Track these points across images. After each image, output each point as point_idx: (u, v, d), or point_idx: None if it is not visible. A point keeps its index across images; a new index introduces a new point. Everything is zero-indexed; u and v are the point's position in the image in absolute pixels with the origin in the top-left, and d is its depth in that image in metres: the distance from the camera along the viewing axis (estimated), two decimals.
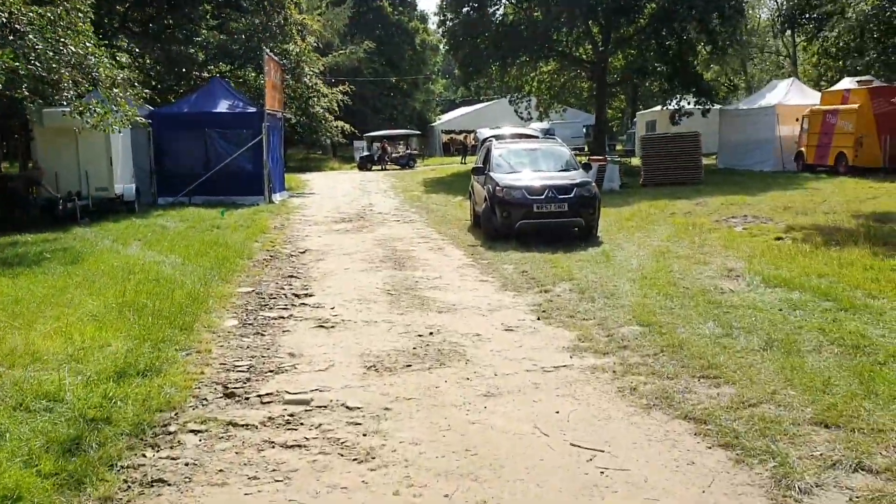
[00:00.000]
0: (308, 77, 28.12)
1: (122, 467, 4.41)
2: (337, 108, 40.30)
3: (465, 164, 46.18)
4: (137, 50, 26.11)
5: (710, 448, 4.62)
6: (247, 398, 5.61)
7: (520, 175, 13.91)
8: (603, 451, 4.61)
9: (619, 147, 51.10)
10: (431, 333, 7.43)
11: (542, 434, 4.88)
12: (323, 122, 42.71)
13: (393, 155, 45.72)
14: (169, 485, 4.24)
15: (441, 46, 48.88)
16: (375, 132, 48.20)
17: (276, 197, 23.94)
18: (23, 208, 16.91)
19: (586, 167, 14.62)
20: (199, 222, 16.97)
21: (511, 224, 13.16)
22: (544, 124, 51.06)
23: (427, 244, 14.03)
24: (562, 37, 35.04)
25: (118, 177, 17.86)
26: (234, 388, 5.83)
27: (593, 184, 13.54)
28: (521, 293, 9.35)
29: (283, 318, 8.28)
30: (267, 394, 5.68)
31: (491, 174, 14.08)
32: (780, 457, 4.39)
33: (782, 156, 28.49)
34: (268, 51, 22.88)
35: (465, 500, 4.01)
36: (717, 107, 33.95)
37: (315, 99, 29.80)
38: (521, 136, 17.34)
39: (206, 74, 26.17)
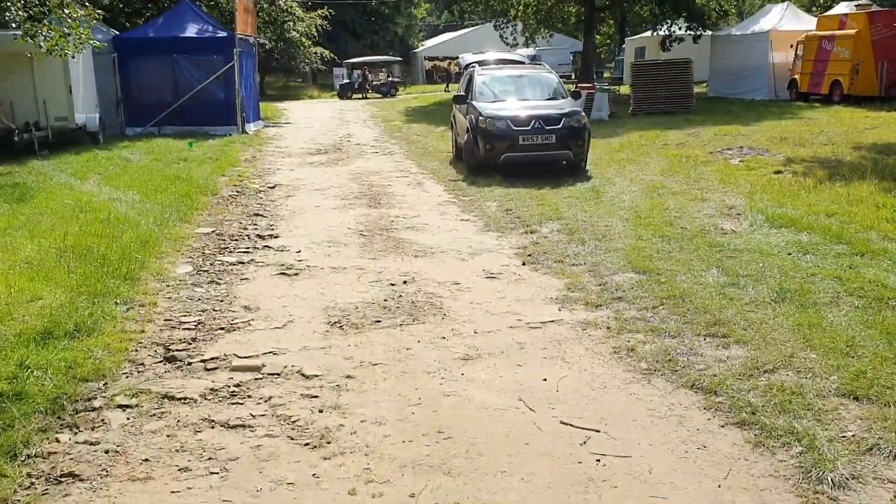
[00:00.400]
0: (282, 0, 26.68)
1: (27, 457, 3.70)
2: (315, 34, 38.76)
3: (448, 91, 44.85)
4: None
5: (723, 427, 3.95)
6: (189, 363, 4.88)
7: (504, 104, 13.01)
8: (598, 432, 3.94)
9: (606, 74, 49.78)
10: (406, 282, 6.70)
11: (527, 409, 4.20)
12: (301, 48, 41.17)
13: (374, 83, 44.33)
14: (81, 480, 3.54)
15: None
16: (356, 59, 46.62)
17: (251, 127, 22.86)
18: None
19: (575, 95, 13.73)
20: (166, 155, 16.01)
21: (495, 157, 12.34)
22: (530, 50, 49.53)
23: (405, 179, 13.20)
24: None
25: (80, 106, 16.74)
26: (177, 350, 5.10)
27: (583, 114, 12.68)
28: (505, 234, 8.62)
29: (242, 263, 7.52)
30: (213, 358, 4.95)
31: (473, 103, 13.17)
32: (806, 439, 3.73)
33: (775, 84, 27.56)
34: None
35: (434, 501, 3.34)
36: (709, 33, 32.82)
37: (291, 23, 28.36)
38: (506, 61, 16.33)
39: None
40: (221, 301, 6.23)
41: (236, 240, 8.55)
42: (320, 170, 14.54)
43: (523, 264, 7.29)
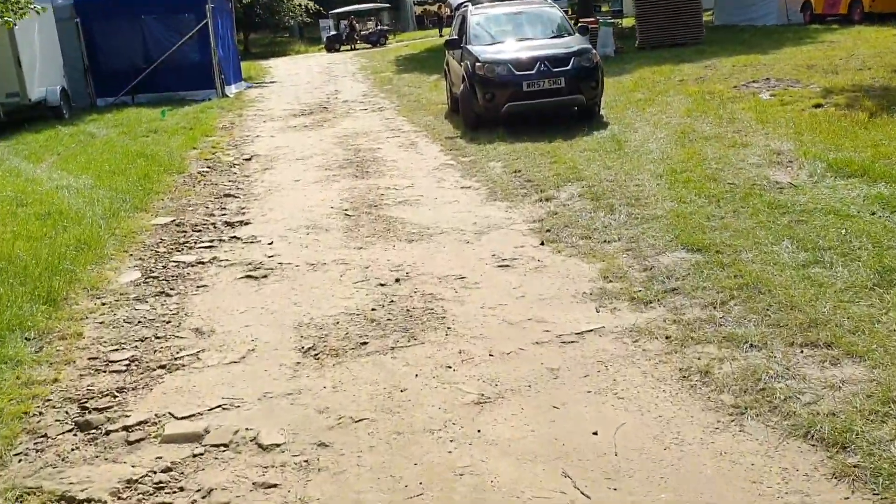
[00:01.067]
0: None
1: None
2: None
3: (442, 37, 42.94)
4: None
5: None
6: (108, 433, 3.59)
7: (503, 46, 11.50)
8: None
9: (604, 8, 47.64)
10: (398, 280, 5.38)
11: (579, 494, 2.91)
12: (284, 1, 39.31)
13: (362, 32, 42.40)
14: None
15: None
16: (342, 9, 44.58)
17: (231, 89, 21.34)
18: None
19: (582, 31, 12.19)
20: (136, 126, 14.57)
21: (496, 107, 10.89)
22: None
23: (397, 139, 11.78)
24: None
25: (36, 79, 15.23)
26: (95, 409, 3.81)
27: (594, 51, 11.16)
28: (516, 203, 7.26)
29: (202, 263, 6.19)
30: (140, 423, 3.65)
31: (468, 47, 11.67)
32: None
33: (787, 7, 25.75)
34: None
35: None
36: None
37: None
38: None
39: None
40: (168, 322, 4.92)
41: (199, 230, 7.21)
42: (303, 134, 13.10)
43: (542, 244, 5.95)
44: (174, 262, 6.23)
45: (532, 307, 4.70)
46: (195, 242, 6.78)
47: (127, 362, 4.32)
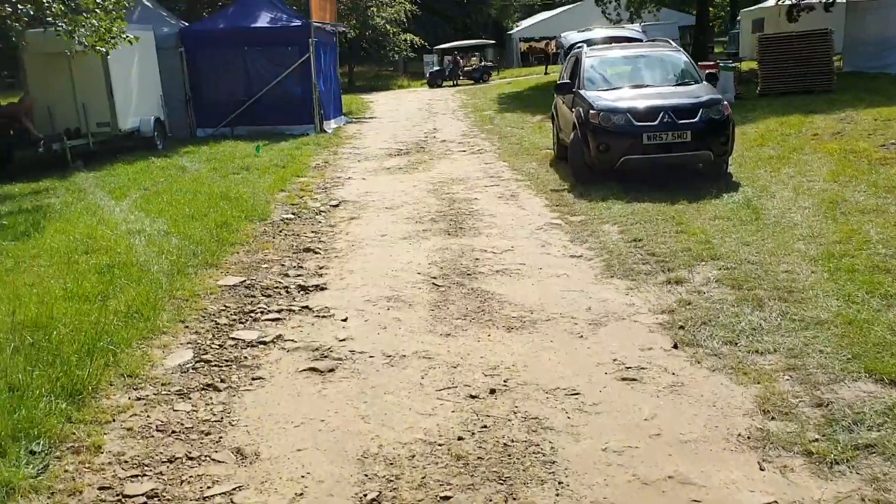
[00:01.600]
0: None
1: None
2: (404, 20, 36.70)
3: (547, 74, 41.97)
4: None
5: None
6: None
7: (621, 93, 10.37)
8: None
9: (718, 50, 45.81)
10: (493, 391, 4.29)
11: None
12: (390, 35, 39.18)
13: (465, 68, 41.94)
14: None
15: None
16: (446, 44, 44.31)
17: (331, 124, 20.89)
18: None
19: (710, 78, 10.92)
20: (228, 162, 14.09)
21: (610, 160, 9.76)
22: (635, 26, 46.03)
23: (496, 188, 10.77)
24: None
25: (128, 109, 14.98)
26: None
27: (725, 102, 9.88)
28: (638, 284, 6.08)
29: (264, 343, 5.27)
30: None
31: (582, 93, 10.60)
32: None
33: None
34: None
35: None
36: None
37: (375, 9, 26.29)
38: (618, 39, 13.64)
39: None
40: (207, 434, 3.97)
41: (269, 295, 6.32)
42: (396, 178, 12.26)
43: (675, 347, 4.78)
44: (233, 339, 5.34)
45: (672, 455, 3.53)
46: (262, 313, 5.88)
47: (144, 500, 3.38)
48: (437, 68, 42.14)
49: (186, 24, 20.72)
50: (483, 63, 42.76)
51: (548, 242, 7.65)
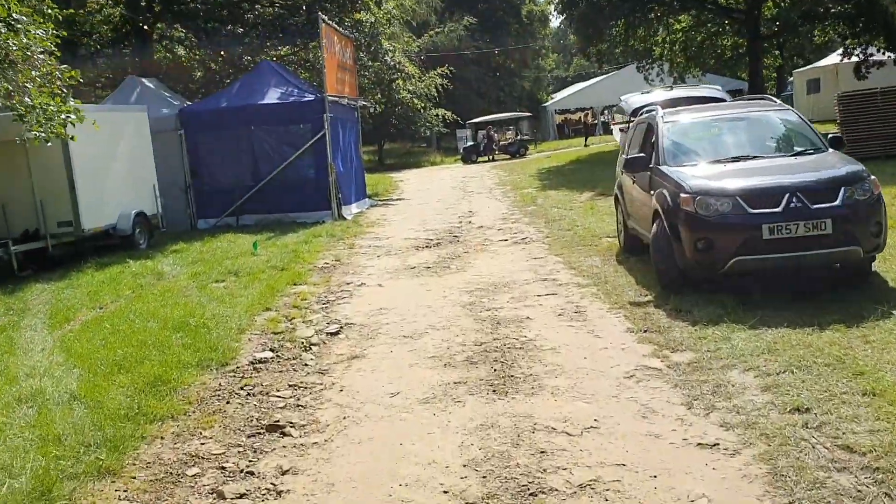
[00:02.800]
0: (389, 54, 22.46)
1: None
2: (436, 94, 34.71)
3: (587, 146, 39.52)
4: (190, 37, 21.23)
5: None
6: None
7: (721, 168, 7.59)
8: None
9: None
10: None
11: None
12: (421, 111, 37.17)
13: (501, 142, 39.69)
14: None
15: (552, 10, 41.89)
16: (480, 118, 42.27)
17: (351, 209, 18.44)
18: None
19: (836, 143, 8.09)
20: (217, 264, 11.55)
21: (714, 262, 6.94)
22: (713, 85, 43.61)
23: (554, 298, 7.96)
24: None
25: (100, 204, 12.50)
26: None
27: (872, 177, 7.07)
28: None
29: None
30: None
31: (664, 169, 7.87)
32: None
33: None
34: (325, 18, 17.26)
35: None
36: None
37: (401, 82, 24.17)
38: (694, 100, 10.95)
39: (262, 58, 20.89)
40: None
41: None
42: (422, 284, 9.53)
43: None
44: None
45: None
46: None
47: None
48: (470, 143, 39.99)
49: (187, 103, 18.62)
50: (519, 137, 40.48)
51: (650, 409, 4.80)
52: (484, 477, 4.05)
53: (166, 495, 4.11)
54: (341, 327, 7.53)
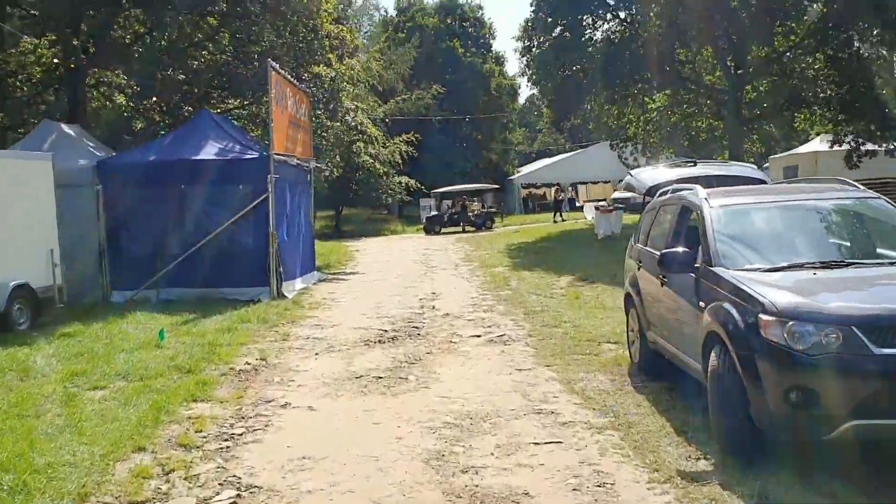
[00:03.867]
0: (350, 114, 20.25)
1: None
2: (400, 161, 32.61)
3: (559, 222, 37.48)
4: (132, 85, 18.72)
5: None
6: None
7: (812, 278, 5.24)
8: None
9: None
10: None
11: None
12: (382, 177, 35.03)
13: (468, 214, 37.55)
14: None
15: (526, 82, 40.31)
16: (446, 188, 40.23)
17: (295, 284, 15.86)
18: None
19: None
20: (108, 358, 8.87)
21: (818, 425, 4.54)
22: (746, 164, 42.06)
23: (560, 454, 5.42)
24: (688, 56, 26.51)
25: None
26: None
27: None
28: None
29: None
30: None
31: (723, 273, 5.49)
32: None
33: None
34: (275, 66, 14.96)
35: None
36: None
37: (361, 144, 21.91)
38: (724, 180, 8.76)
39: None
40: None
41: None
42: (368, 410, 6.92)
43: None
44: None
45: None
46: None
47: None
48: (434, 213, 37.80)
49: (112, 153, 16.02)
50: (486, 209, 38.41)
51: None
52: None
53: None
54: (238, 496, 4.89)
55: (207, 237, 14.47)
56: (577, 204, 50.14)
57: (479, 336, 10.46)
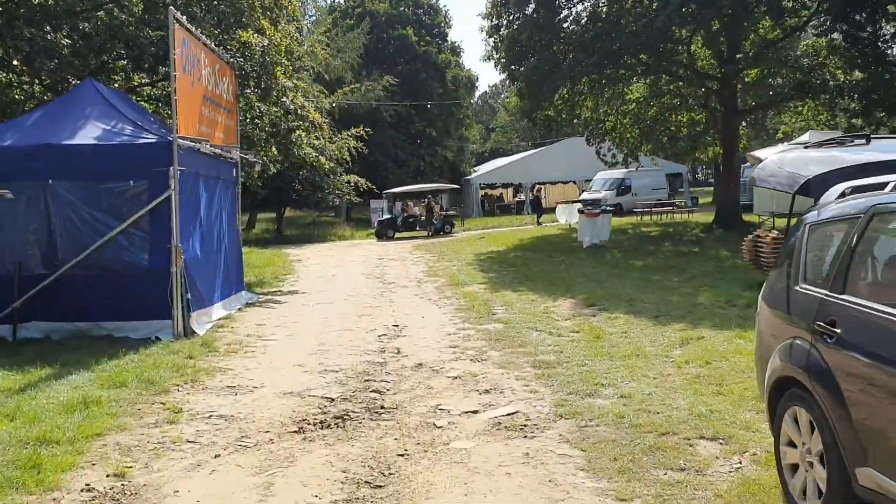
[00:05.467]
0: (287, 94, 16.26)
1: None
2: (349, 158, 28.56)
3: (540, 225, 33.75)
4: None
5: None
6: None
7: None
8: None
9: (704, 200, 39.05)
10: None
11: None
12: (328, 174, 30.97)
13: (422, 217, 33.74)
14: None
15: (493, 66, 36.32)
16: (399, 188, 36.39)
17: (213, 312, 11.97)
18: None
19: None
20: None
21: None
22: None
23: None
24: (682, 35, 23.09)
25: None
26: None
27: None
28: None
29: None
30: None
31: None
32: None
33: None
34: (179, 16, 10.93)
35: None
36: None
37: (303, 133, 17.96)
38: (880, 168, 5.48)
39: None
40: None
41: None
42: None
43: None
44: None
45: None
46: None
47: None
48: (387, 216, 33.95)
49: None
50: (444, 212, 34.60)
51: None
52: None
53: None
54: None
55: (85, 252, 10.45)
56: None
57: (476, 413, 6.71)
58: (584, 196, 39.75)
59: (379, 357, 9.20)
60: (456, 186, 42.12)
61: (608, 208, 22.58)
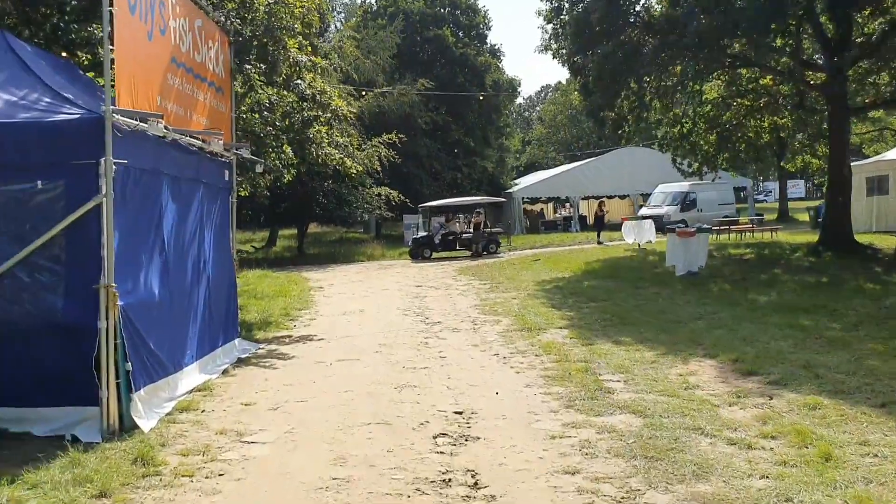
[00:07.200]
0: (300, 74, 12.18)
1: None
2: (379, 168, 24.49)
3: (602, 244, 29.24)
4: None
5: None
6: None
7: None
8: None
9: (804, 217, 34.43)
10: None
11: None
12: (356, 183, 27.11)
13: (463, 235, 29.49)
14: None
15: (551, 58, 31.78)
16: (436, 202, 32.23)
17: (180, 382, 7.86)
18: None
19: None
20: None
21: None
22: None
23: None
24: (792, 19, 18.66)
25: None
26: None
27: None
28: None
29: None
30: None
31: None
32: None
33: None
34: None
35: None
36: None
37: (323, 129, 13.84)
38: None
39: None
40: None
41: None
42: None
43: None
44: None
45: None
46: None
47: None
48: (423, 234, 29.81)
49: None
50: (489, 228, 30.26)
51: None
52: None
53: None
54: None
55: None
56: (589, 223, 42.39)
57: None
58: (644, 211, 35.37)
59: (442, 496, 4.98)
60: (501, 200, 37.95)
61: (704, 227, 18.12)
